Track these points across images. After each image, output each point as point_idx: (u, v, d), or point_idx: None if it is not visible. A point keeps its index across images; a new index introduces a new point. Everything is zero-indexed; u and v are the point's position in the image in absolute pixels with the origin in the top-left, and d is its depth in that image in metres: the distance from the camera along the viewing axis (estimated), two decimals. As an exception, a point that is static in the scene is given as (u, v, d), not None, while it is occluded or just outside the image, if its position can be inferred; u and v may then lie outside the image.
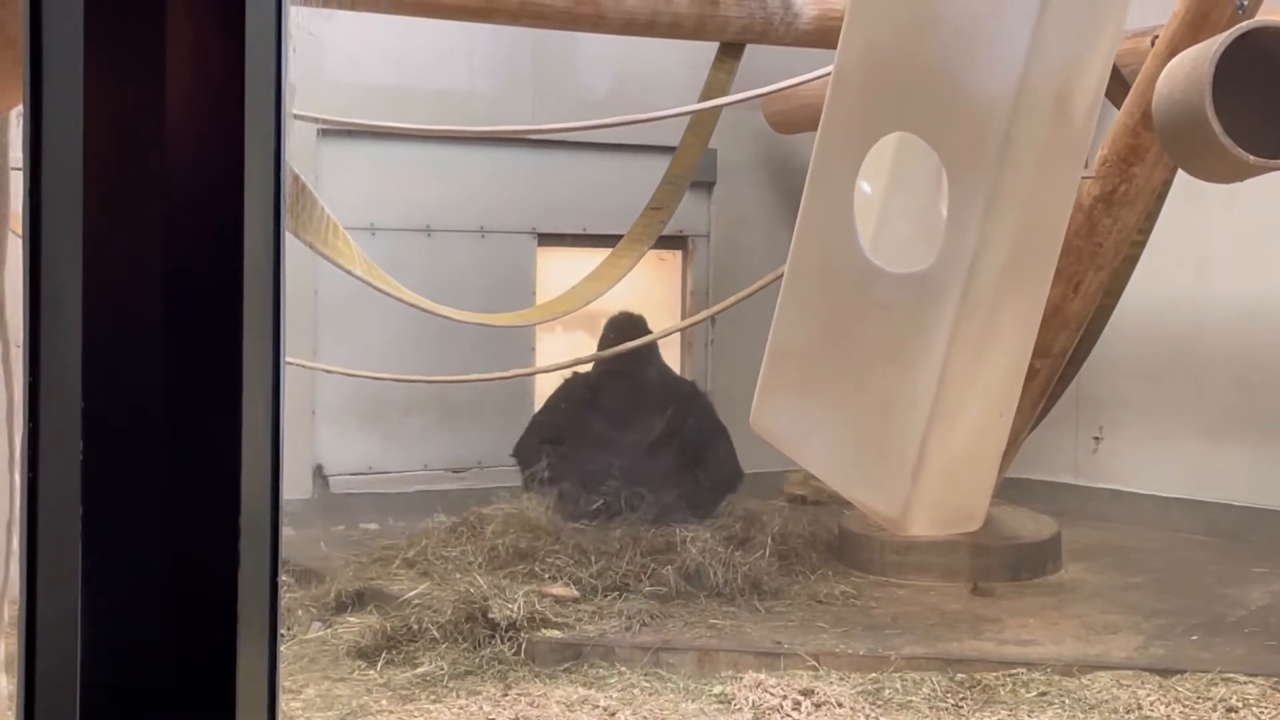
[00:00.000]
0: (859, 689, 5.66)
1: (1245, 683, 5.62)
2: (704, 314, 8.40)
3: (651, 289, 9.31)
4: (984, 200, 3.30)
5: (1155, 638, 6.25)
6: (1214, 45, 4.57)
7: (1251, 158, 4.54)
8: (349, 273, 6.15)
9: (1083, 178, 6.25)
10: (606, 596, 6.60)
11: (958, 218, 3.31)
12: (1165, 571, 7.56)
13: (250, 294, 1.23)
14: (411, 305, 6.56)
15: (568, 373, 8.17)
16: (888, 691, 5.64)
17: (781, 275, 3.91)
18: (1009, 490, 8.17)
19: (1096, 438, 9.27)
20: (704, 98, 7.80)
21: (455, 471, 8.73)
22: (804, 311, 3.80)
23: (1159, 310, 8.93)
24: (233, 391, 1.23)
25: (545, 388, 9.02)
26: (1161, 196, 6.58)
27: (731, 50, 7.92)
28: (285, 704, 5.61)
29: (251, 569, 1.23)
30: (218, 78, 1.21)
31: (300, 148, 7.69)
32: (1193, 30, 5.52)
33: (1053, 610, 6.71)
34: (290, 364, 6.86)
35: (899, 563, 7.25)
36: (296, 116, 6.57)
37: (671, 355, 9.60)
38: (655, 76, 8.98)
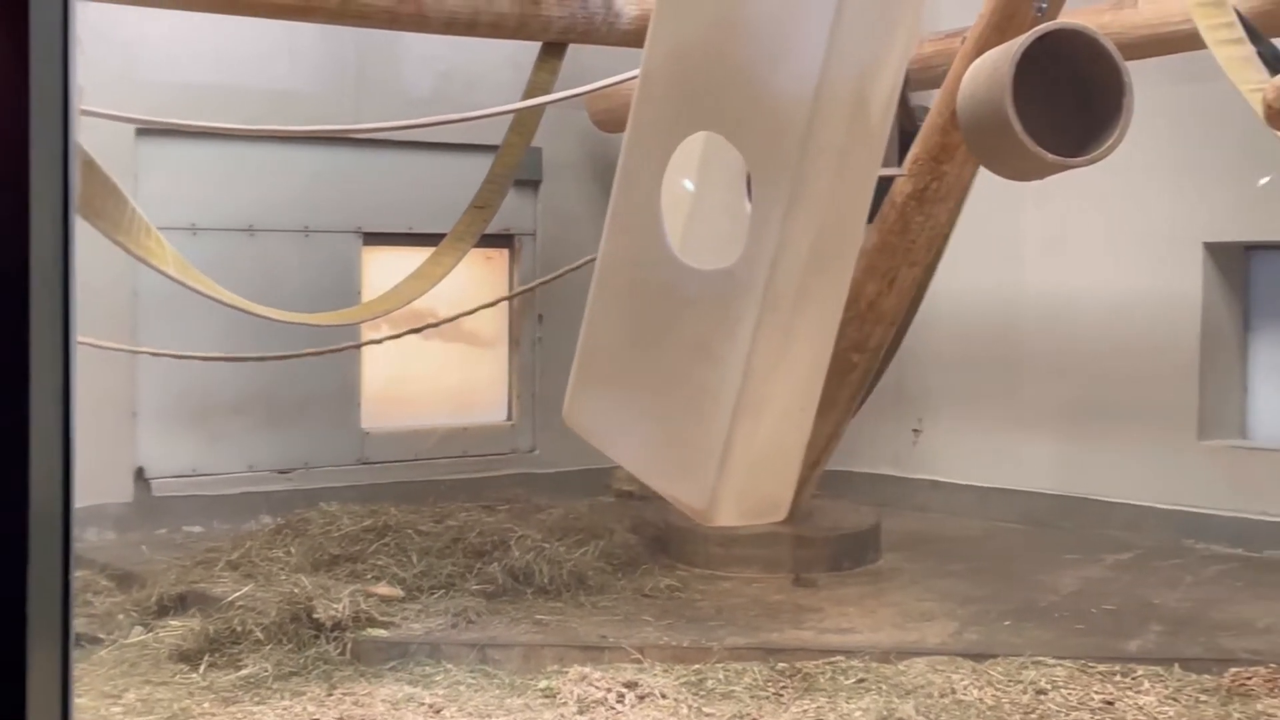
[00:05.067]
0: (682, 680, 5.73)
1: (1054, 665, 5.79)
2: (523, 288, 8.43)
3: (479, 287, 9.32)
4: (785, 199, 3.39)
5: (970, 624, 6.42)
6: (1014, 47, 4.71)
7: (1050, 156, 4.68)
8: (162, 273, 6.10)
9: (895, 175, 6.41)
10: (432, 595, 6.62)
11: (760, 216, 3.40)
12: (981, 559, 7.76)
13: (38, 292, 1.24)
14: (228, 305, 6.51)
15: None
16: (710, 682, 5.72)
17: (593, 263, 3.97)
18: (832, 482, 8.33)
19: (916, 430, 9.48)
20: (527, 96, 7.85)
21: (281, 472, 8.67)
22: (614, 307, 3.87)
23: (976, 304, 9.15)
24: (18, 389, 1.24)
25: (371, 389, 9.01)
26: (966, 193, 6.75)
27: (554, 50, 7.97)
28: (105, 709, 5.54)
29: (42, 572, 1.23)
30: (2, 80, 1.22)
31: (117, 148, 7.58)
32: (998, 32, 5.68)
33: (872, 599, 6.86)
34: (102, 348, 6.75)
35: (723, 555, 7.35)
36: (112, 117, 6.49)
37: (499, 354, 9.64)
38: (480, 75, 9.00)
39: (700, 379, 3.60)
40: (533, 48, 8.01)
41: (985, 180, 6.49)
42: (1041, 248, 8.90)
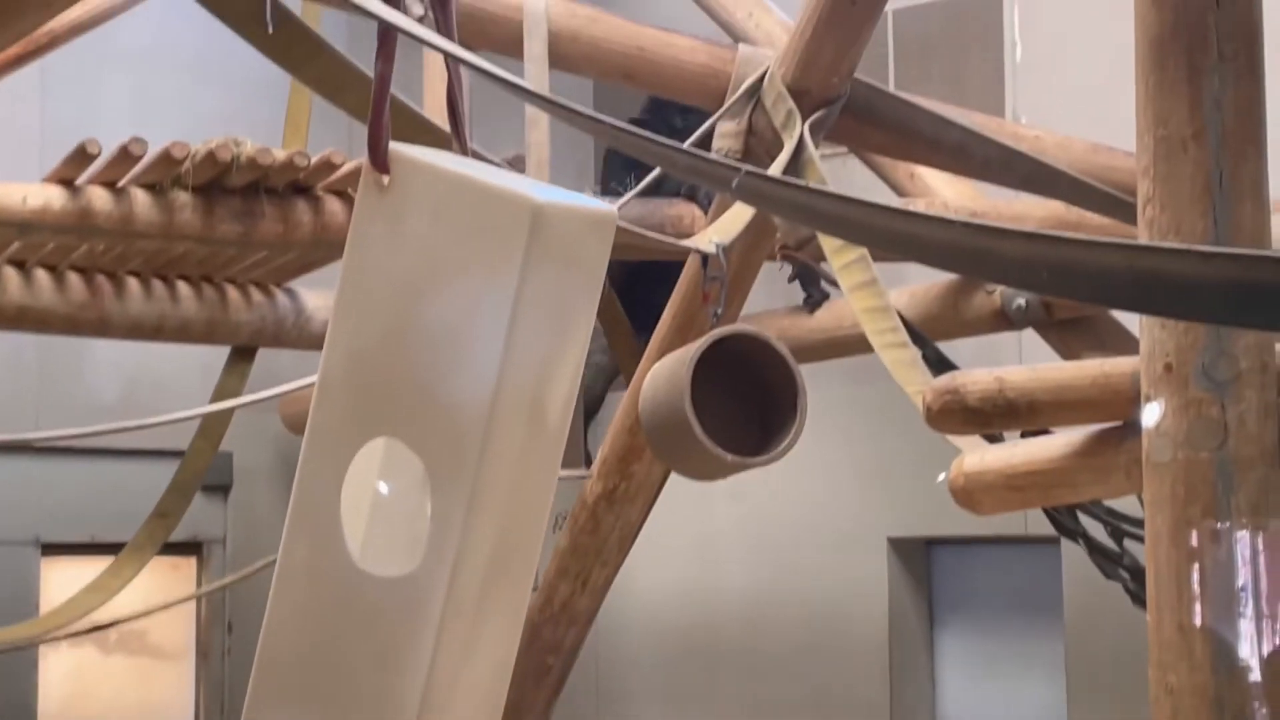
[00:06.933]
0: None
1: None
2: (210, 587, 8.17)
3: (166, 596, 9.02)
4: (464, 503, 3.34)
5: None
6: (691, 350, 4.83)
7: (730, 457, 4.76)
8: None
9: (583, 477, 6.46)
10: None
11: (440, 521, 3.34)
12: None
13: None
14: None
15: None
16: None
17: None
18: (532, 790, 8.15)
19: (616, 732, 9.40)
20: (215, 400, 7.73)
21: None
22: (293, 617, 3.73)
23: (673, 603, 9.20)
24: None
25: (48, 708, 8.57)
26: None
27: (244, 354, 7.91)
28: None
29: None
30: None
31: None
32: (680, 335, 5.83)
33: None
34: None
35: None
36: None
37: (185, 665, 9.28)
38: (168, 380, 8.85)
39: (383, 689, 3.48)
40: (224, 350, 7.93)
41: (679, 478, 6.60)
42: (735, 545, 9.03)
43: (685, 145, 3.52)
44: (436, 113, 5.36)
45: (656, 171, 5.19)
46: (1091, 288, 2.64)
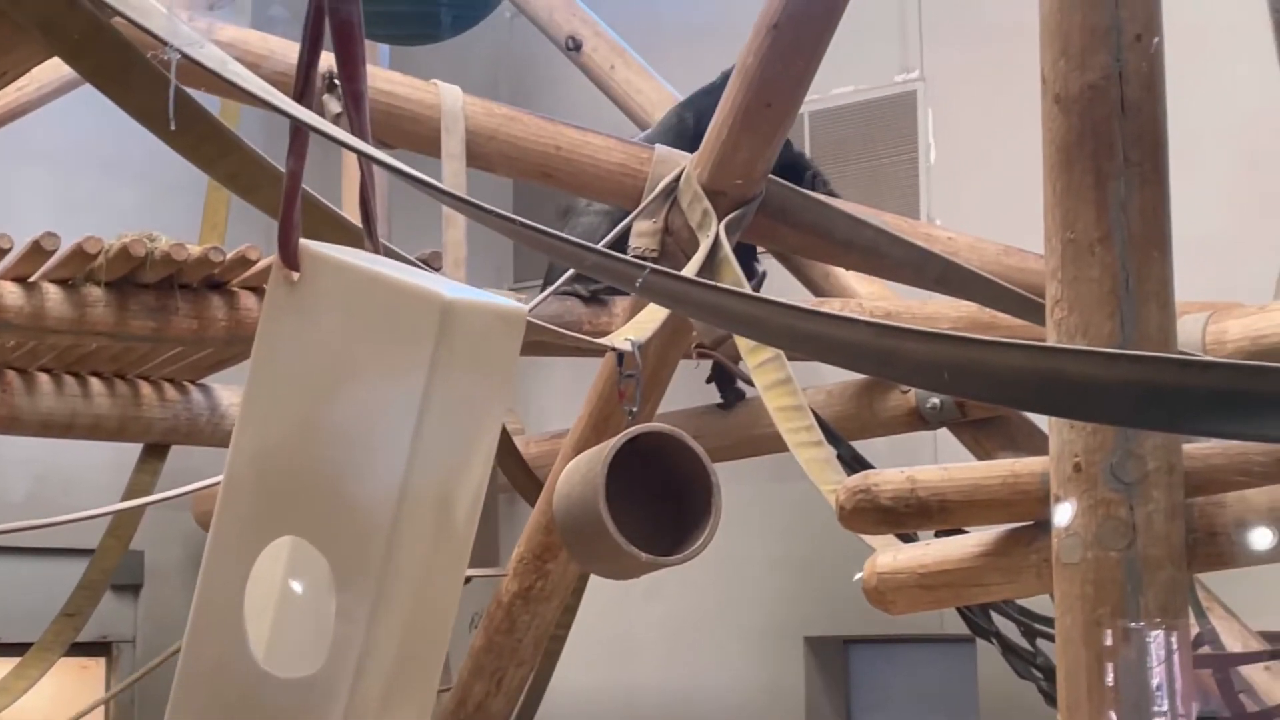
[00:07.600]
0: None
1: None
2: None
3: (72, 699, 8.83)
4: (369, 603, 3.29)
5: None
6: (606, 448, 4.82)
7: (644, 555, 4.74)
8: None
9: (499, 575, 6.41)
10: None
11: (345, 621, 3.28)
12: None
13: None
14: None
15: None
16: None
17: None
18: None
19: (532, 835, 9.26)
20: (126, 498, 7.63)
21: None
22: (195, 718, 3.65)
23: (590, 700, 9.11)
24: None
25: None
26: (579, 592, 6.80)
27: (156, 451, 7.82)
28: None
29: None
30: None
31: None
32: (597, 433, 5.82)
33: None
34: None
35: None
36: None
37: (92, 769, 9.10)
38: (78, 477, 8.72)
39: (283, 792, 3.38)
40: (136, 448, 7.84)
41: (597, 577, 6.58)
42: (652, 644, 8.97)
43: (598, 245, 3.54)
44: (355, 210, 5.36)
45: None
46: (995, 389, 2.66)
